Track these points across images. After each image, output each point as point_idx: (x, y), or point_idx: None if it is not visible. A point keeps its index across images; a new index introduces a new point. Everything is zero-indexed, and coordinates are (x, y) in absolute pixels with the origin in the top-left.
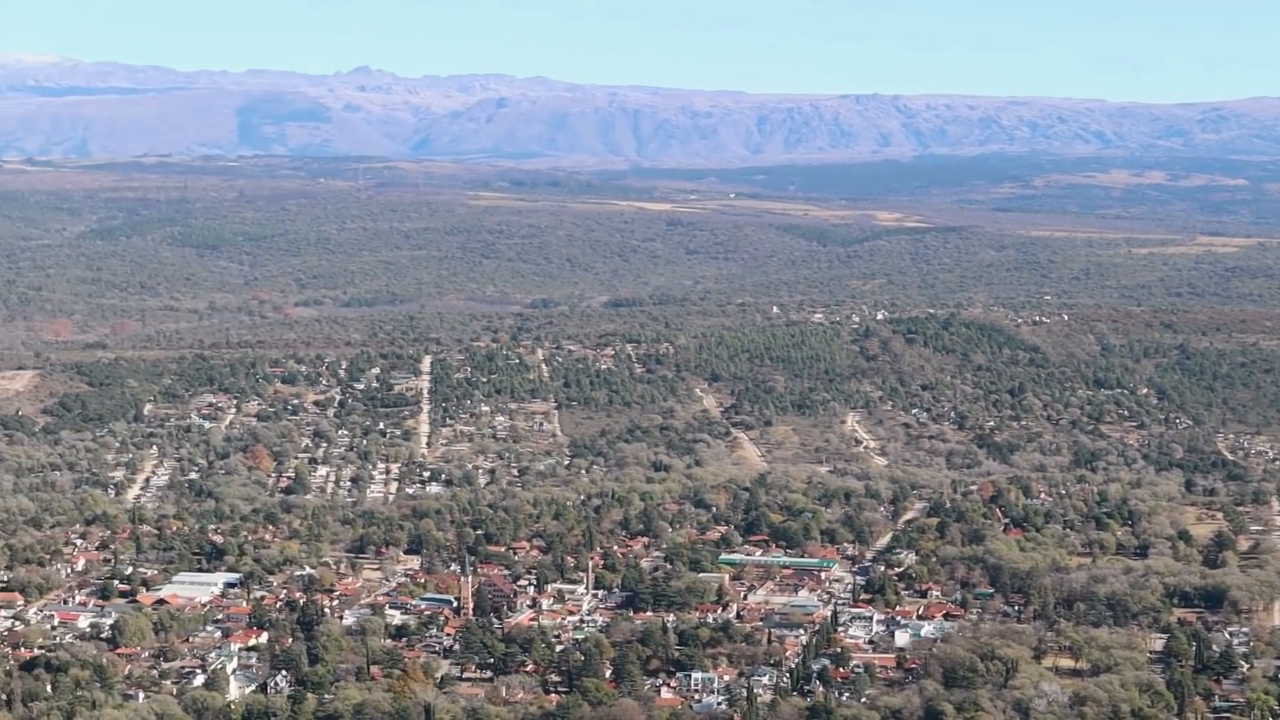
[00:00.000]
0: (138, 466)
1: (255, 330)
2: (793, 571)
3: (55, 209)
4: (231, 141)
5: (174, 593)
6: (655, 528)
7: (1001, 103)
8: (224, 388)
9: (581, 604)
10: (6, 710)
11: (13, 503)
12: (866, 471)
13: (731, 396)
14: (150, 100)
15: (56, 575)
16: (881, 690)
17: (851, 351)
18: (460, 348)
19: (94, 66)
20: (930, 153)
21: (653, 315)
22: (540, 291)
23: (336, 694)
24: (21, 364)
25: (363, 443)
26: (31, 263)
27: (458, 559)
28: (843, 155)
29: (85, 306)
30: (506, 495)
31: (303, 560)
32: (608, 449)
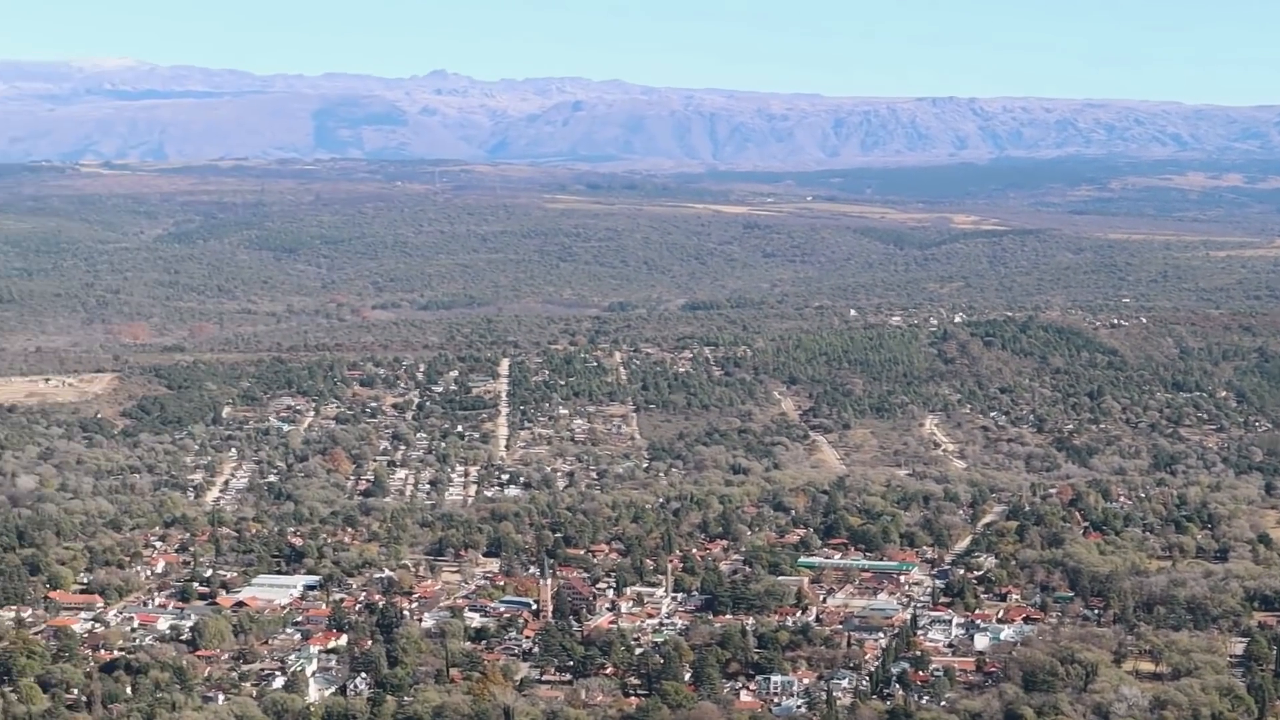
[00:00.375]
0: (217, 469)
1: (333, 333)
2: (872, 575)
3: (132, 212)
4: (308, 145)
5: (253, 595)
6: (734, 531)
7: (1078, 105)
8: (302, 391)
9: (661, 607)
10: (87, 712)
11: (92, 505)
12: (945, 475)
13: (810, 399)
14: (226, 104)
15: (136, 577)
16: (961, 694)
17: (929, 354)
18: (538, 351)
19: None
20: (1007, 155)
21: (730, 318)
22: (617, 294)
23: (416, 696)
24: (100, 367)
25: (441, 445)
26: (109, 266)
27: (537, 562)
28: (919, 158)
29: (163, 309)
30: (585, 498)
31: (382, 563)
32: (686, 452)
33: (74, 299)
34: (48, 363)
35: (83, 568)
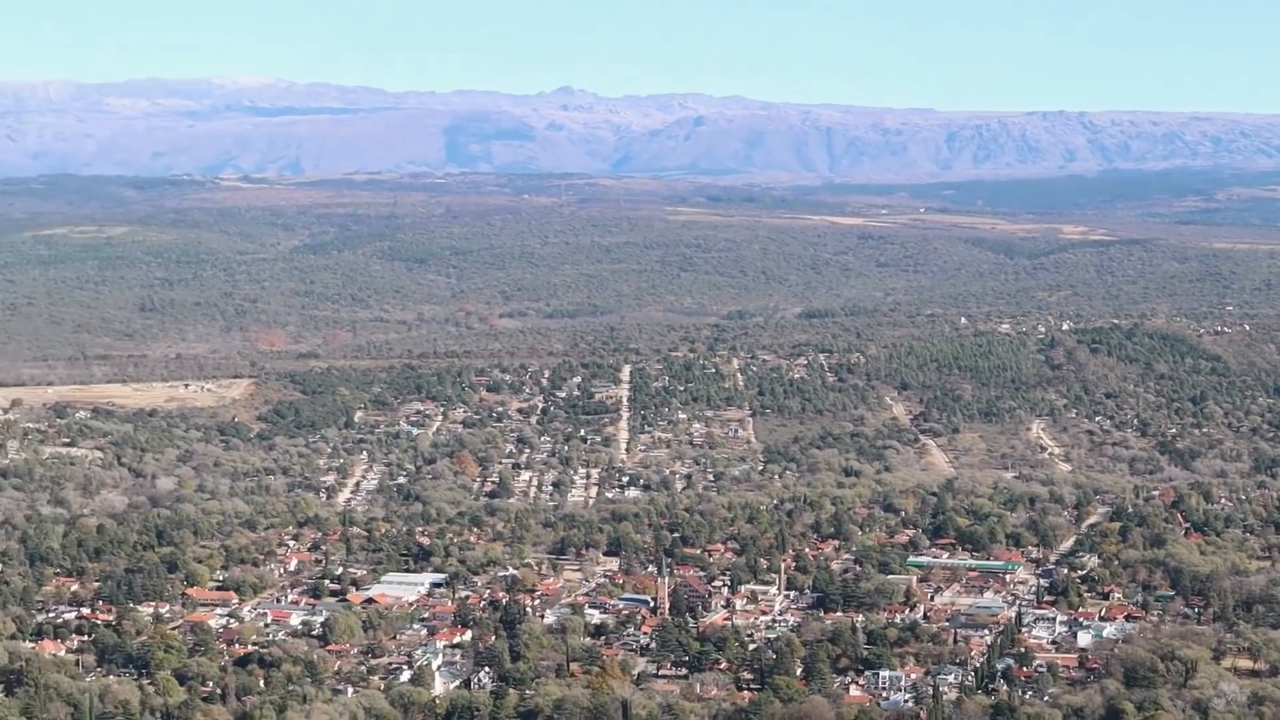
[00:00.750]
0: (348, 471)
1: (462, 340)
2: (978, 574)
3: (270, 224)
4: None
5: (382, 592)
6: (845, 531)
7: (1185, 118)
8: (431, 396)
9: (774, 604)
10: (222, 704)
11: (229, 505)
12: (1051, 477)
13: (920, 404)
14: (361, 120)
15: (270, 575)
16: (1064, 689)
17: (1037, 361)
18: (659, 357)
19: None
20: (1115, 167)
21: (844, 326)
22: (736, 303)
23: (537, 690)
24: (238, 373)
25: (564, 449)
26: (247, 276)
27: (655, 561)
28: (1029, 171)
29: (298, 318)
30: (702, 499)
31: (506, 561)
32: (800, 455)
33: (213, 308)
34: (188, 369)
35: (219, 566)
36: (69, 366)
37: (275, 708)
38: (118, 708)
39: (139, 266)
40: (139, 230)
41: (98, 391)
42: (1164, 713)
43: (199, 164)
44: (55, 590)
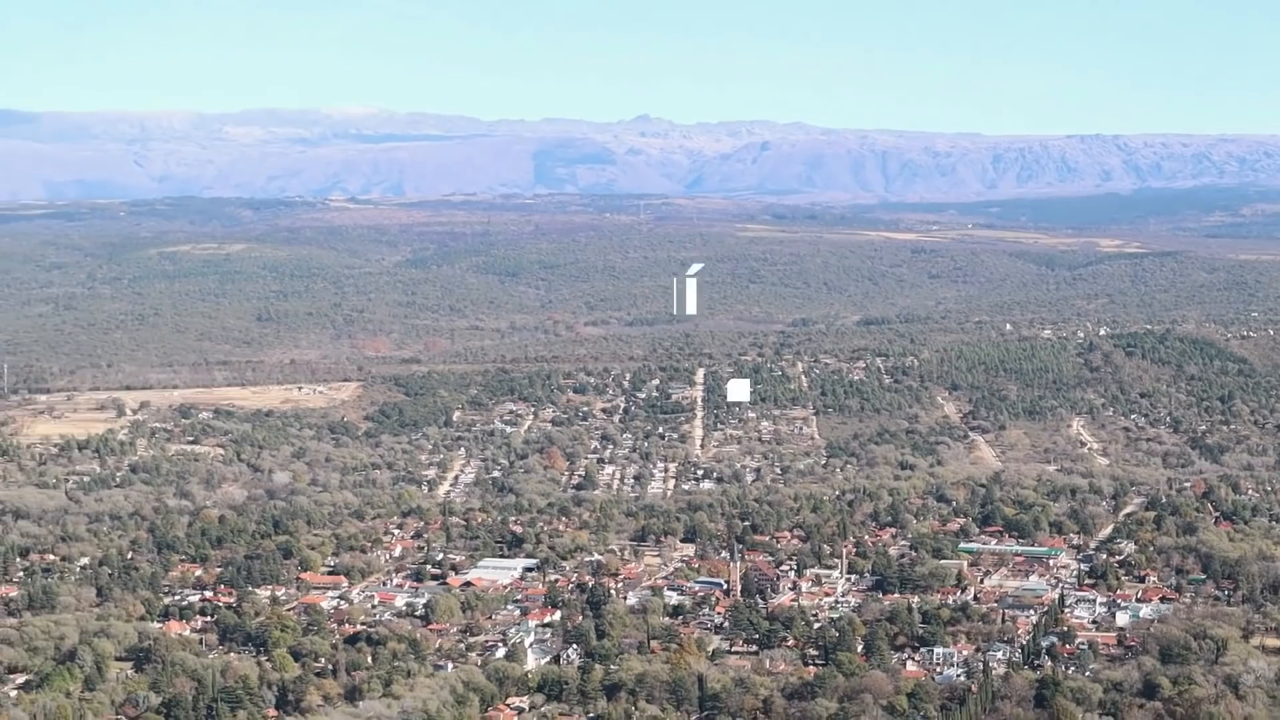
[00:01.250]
0: (447, 466)
1: (550, 347)
2: (1024, 559)
3: (375, 241)
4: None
5: (479, 576)
6: (902, 520)
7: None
8: (523, 397)
9: (836, 587)
10: (333, 679)
11: (339, 497)
12: (1090, 470)
13: (969, 404)
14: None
15: (377, 561)
16: (1104, 665)
17: (1077, 363)
18: (730, 361)
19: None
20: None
21: (899, 332)
22: (799, 312)
23: (620, 665)
24: (347, 376)
25: (644, 445)
26: (355, 288)
27: (727, 547)
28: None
29: (401, 326)
30: (770, 491)
31: (591, 548)
32: (860, 450)
33: (323, 317)
34: (300, 373)
35: (330, 552)
36: (192, 371)
37: (382, 682)
38: (238, 682)
39: (256, 280)
40: (255, 247)
41: (219, 394)
42: (1197, 686)
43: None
44: (181, 575)
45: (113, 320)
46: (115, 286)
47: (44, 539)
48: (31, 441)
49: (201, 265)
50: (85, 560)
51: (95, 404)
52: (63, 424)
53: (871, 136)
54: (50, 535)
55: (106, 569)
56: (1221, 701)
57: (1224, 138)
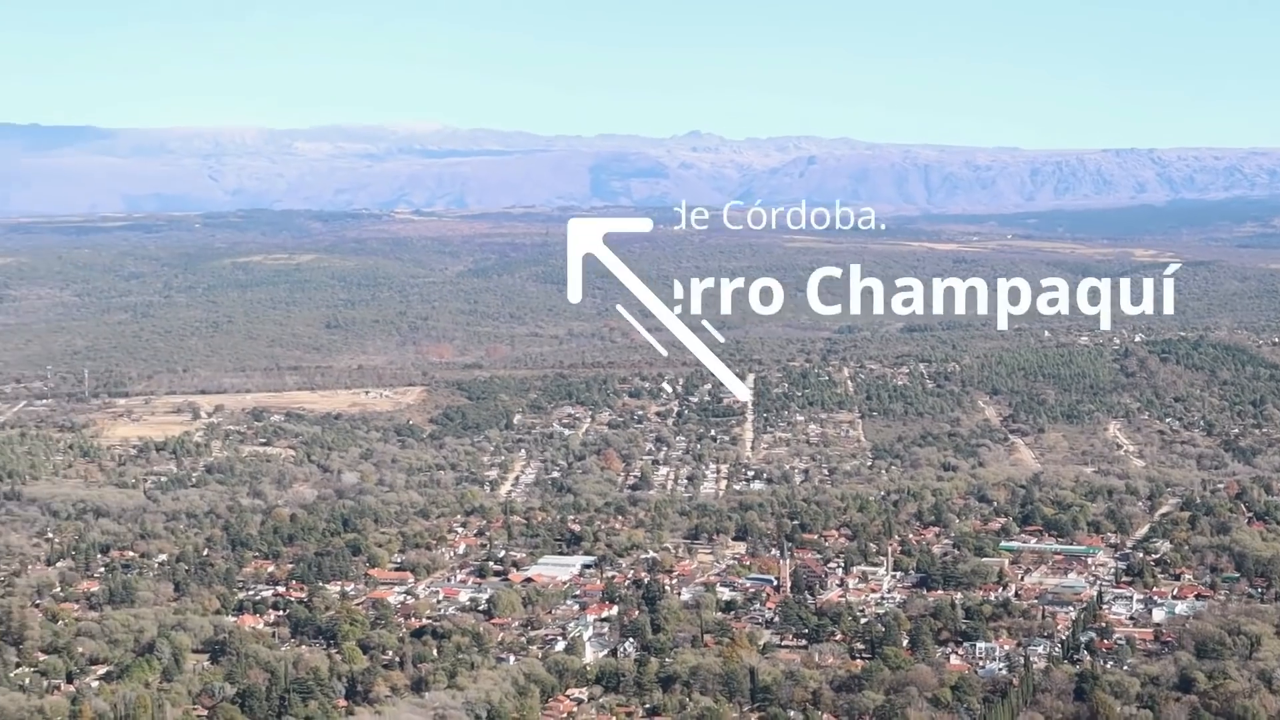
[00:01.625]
0: (509, 467)
1: (606, 353)
2: (1063, 557)
3: (438, 252)
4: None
5: (539, 572)
6: (945, 519)
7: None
8: (581, 401)
9: (882, 583)
10: (400, 670)
11: (405, 497)
12: (1126, 472)
13: (1009, 408)
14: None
15: (441, 557)
16: (1141, 659)
17: (1113, 369)
18: (778, 367)
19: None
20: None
21: (941, 339)
22: (845, 319)
23: (675, 658)
24: (412, 381)
25: (697, 447)
26: (419, 297)
27: (777, 545)
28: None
29: (464, 333)
30: (818, 491)
31: (647, 545)
32: (904, 452)
33: (389, 325)
34: (368, 378)
35: (396, 549)
36: (264, 376)
37: (447, 673)
38: (309, 674)
39: (324, 289)
40: (324, 257)
41: (289, 398)
42: (1231, 681)
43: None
44: (254, 571)
45: (188, 327)
46: (190, 295)
47: (124, 536)
48: (111, 443)
49: (273, 275)
50: (163, 556)
51: (172, 407)
52: (141, 426)
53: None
54: (130, 533)
55: (183, 565)
56: (1255, 695)
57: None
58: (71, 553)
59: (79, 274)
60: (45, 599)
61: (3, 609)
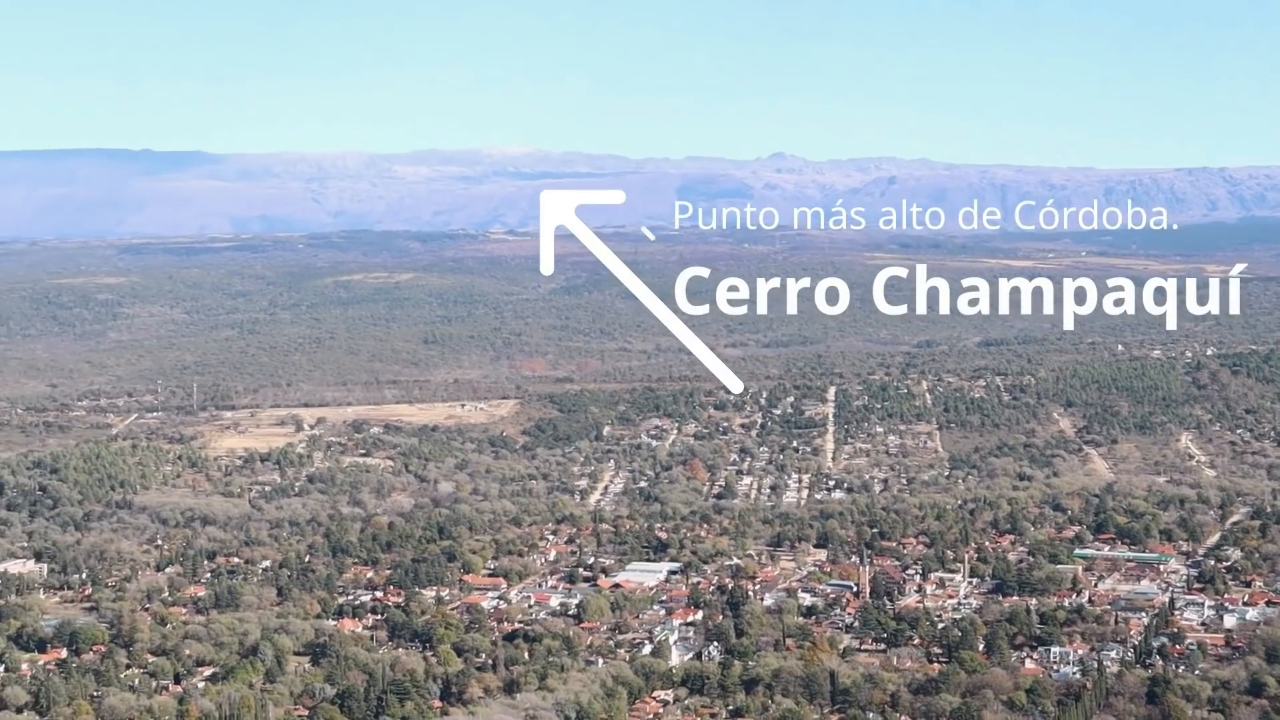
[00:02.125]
0: (598, 477)
1: (693, 367)
2: (1135, 564)
3: (531, 271)
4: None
5: (627, 578)
6: (1020, 527)
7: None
8: (668, 413)
9: (959, 590)
10: (493, 672)
11: (498, 506)
12: (1198, 482)
13: (1083, 419)
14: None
15: (533, 564)
16: (1212, 664)
17: (1185, 381)
18: (859, 380)
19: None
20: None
21: (1017, 352)
22: (924, 334)
23: (758, 661)
24: (506, 394)
25: (779, 457)
26: (513, 314)
27: (857, 552)
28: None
29: (555, 349)
30: (897, 500)
31: (731, 552)
32: (980, 462)
33: (484, 340)
34: (463, 391)
35: (490, 556)
36: (364, 390)
37: (538, 675)
38: (405, 675)
39: (422, 306)
40: (422, 276)
41: (388, 411)
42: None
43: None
44: (353, 577)
45: (292, 343)
46: (294, 312)
47: (229, 543)
48: (218, 454)
49: (373, 293)
50: (267, 563)
51: (276, 420)
52: (246, 438)
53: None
54: (235, 540)
55: (286, 571)
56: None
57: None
58: (180, 559)
59: (188, 292)
60: (154, 603)
61: (114, 613)
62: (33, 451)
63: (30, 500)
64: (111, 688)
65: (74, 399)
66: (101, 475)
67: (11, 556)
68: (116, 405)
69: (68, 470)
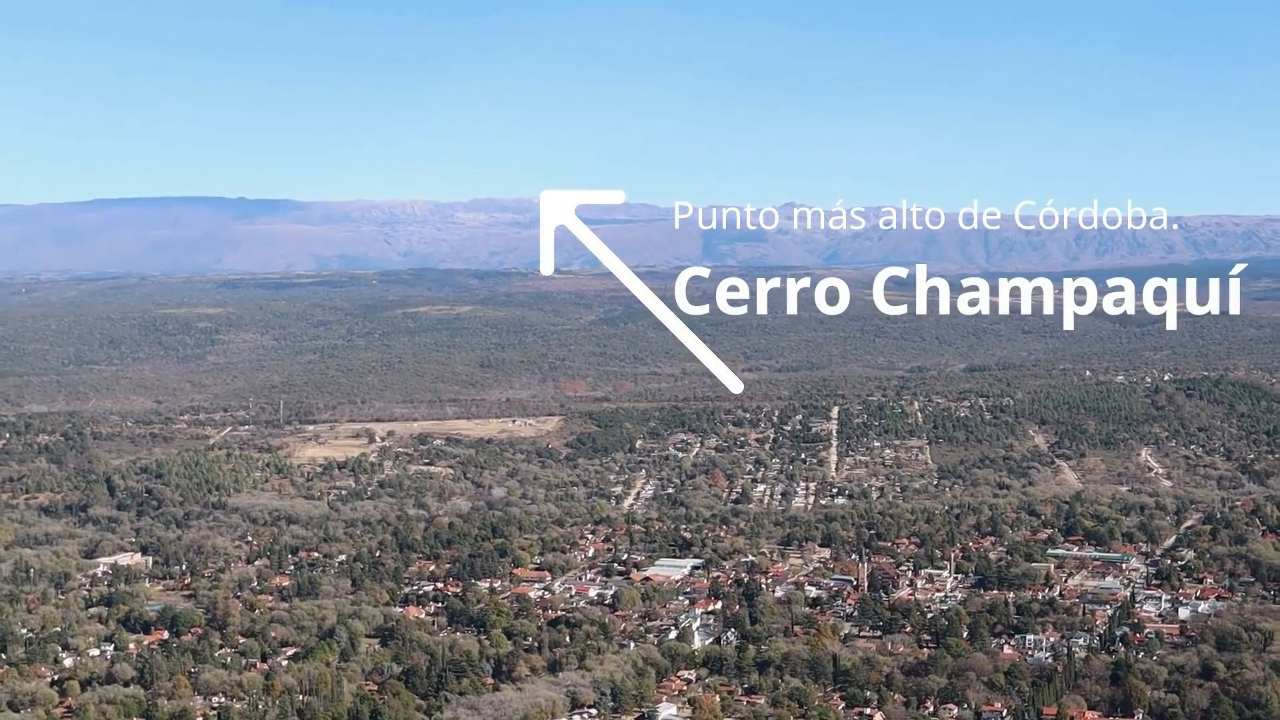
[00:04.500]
0: (631, 484)
1: (714, 389)
2: (1100, 563)
3: (575, 304)
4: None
5: (656, 573)
6: (1000, 530)
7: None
8: (692, 429)
9: (946, 584)
10: (538, 654)
11: (544, 509)
12: (1156, 491)
13: (1055, 436)
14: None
15: (574, 559)
16: (1169, 651)
17: (1145, 403)
18: (859, 401)
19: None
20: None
21: (998, 377)
22: (916, 361)
23: (770, 645)
24: (551, 412)
25: (789, 468)
26: (558, 341)
27: (857, 550)
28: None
29: (595, 372)
30: (892, 506)
31: (746, 550)
32: (965, 473)
33: (533, 365)
34: (514, 409)
35: (536, 552)
36: (429, 407)
37: (578, 657)
38: (462, 656)
39: (479, 335)
40: (479, 309)
41: (449, 426)
42: (1247, 670)
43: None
44: (418, 570)
45: (366, 366)
46: (368, 340)
47: (310, 540)
48: (301, 462)
49: (436, 323)
50: (342, 557)
51: (351, 433)
52: (325, 449)
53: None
54: (315, 537)
55: (359, 564)
56: (1269, 683)
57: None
58: (267, 553)
59: (276, 322)
60: (245, 592)
61: (209, 600)
62: (140, 459)
63: (138, 501)
64: (207, 665)
65: (176, 414)
66: (200, 480)
67: (121, 550)
68: (213, 419)
69: (170, 475)
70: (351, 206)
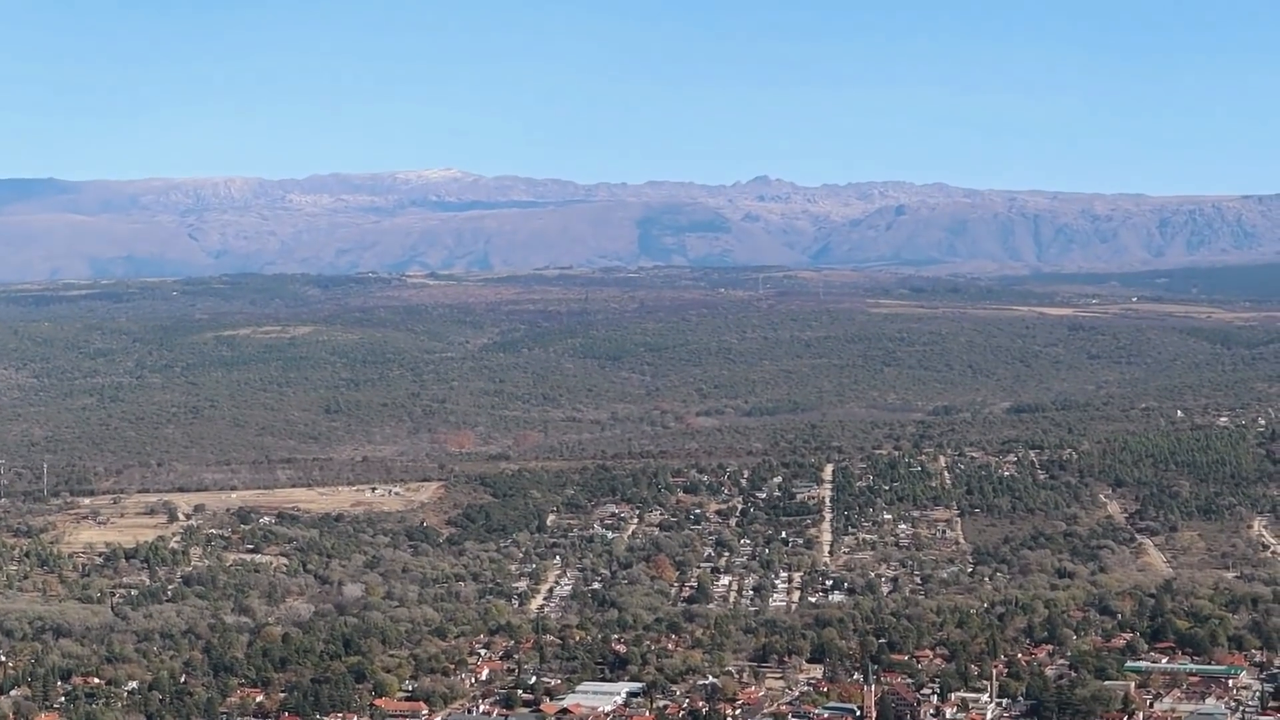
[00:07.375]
0: (541, 577)
1: (657, 440)
2: (1199, 678)
3: (458, 322)
4: (631, 253)
5: (577, 702)
6: (1059, 635)
7: None
8: (626, 498)
9: (986, 713)
10: None
11: (418, 613)
12: (1274, 577)
13: (1135, 502)
14: (550, 213)
15: (461, 685)
16: None
17: (1258, 455)
18: (862, 455)
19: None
20: None
21: (1055, 421)
22: (941, 398)
23: None
24: (426, 475)
25: (765, 551)
26: (435, 375)
27: (861, 668)
28: (1246, 256)
29: (488, 418)
30: (909, 603)
31: (705, 669)
32: (1011, 556)
33: (400, 408)
34: (374, 472)
35: (408, 675)
36: (252, 470)
37: None
38: None
39: (324, 367)
40: (323, 330)
41: (282, 496)
42: None
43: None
44: (240, 701)
45: (164, 413)
46: (166, 375)
47: (88, 660)
48: (74, 550)
49: (263, 350)
50: (133, 684)
51: (144, 507)
52: (108, 530)
53: (1021, 198)
54: (95, 656)
55: (157, 694)
56: None
57: None
58: (28, 679)
59: (37, 351)
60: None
61: None
62: None
63: None
64: None
65: None
66: None
67: None
68: None
69: None
70: (141, 188)
